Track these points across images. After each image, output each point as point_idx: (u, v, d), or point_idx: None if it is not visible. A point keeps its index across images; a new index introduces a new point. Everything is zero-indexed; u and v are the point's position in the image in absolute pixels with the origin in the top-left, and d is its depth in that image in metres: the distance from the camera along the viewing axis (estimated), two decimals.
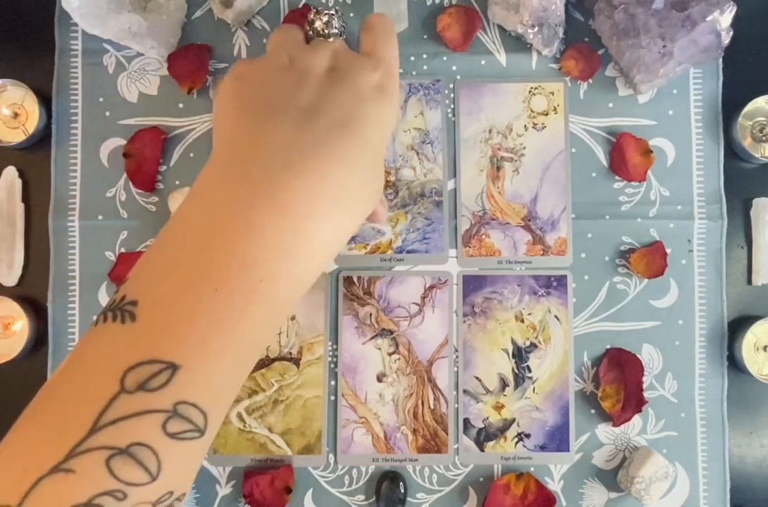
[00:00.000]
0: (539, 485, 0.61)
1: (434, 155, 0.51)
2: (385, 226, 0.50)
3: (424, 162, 0.50)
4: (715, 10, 0.58)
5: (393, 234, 0.50)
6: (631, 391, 0.61)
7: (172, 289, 0.32)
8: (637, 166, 0.63)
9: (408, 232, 0.50)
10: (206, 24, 0.64)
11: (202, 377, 0.31)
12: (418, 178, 0.50)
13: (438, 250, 0.51)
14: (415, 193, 0.50)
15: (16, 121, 0.63)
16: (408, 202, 0.50)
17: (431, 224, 0.50)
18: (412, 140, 0.51)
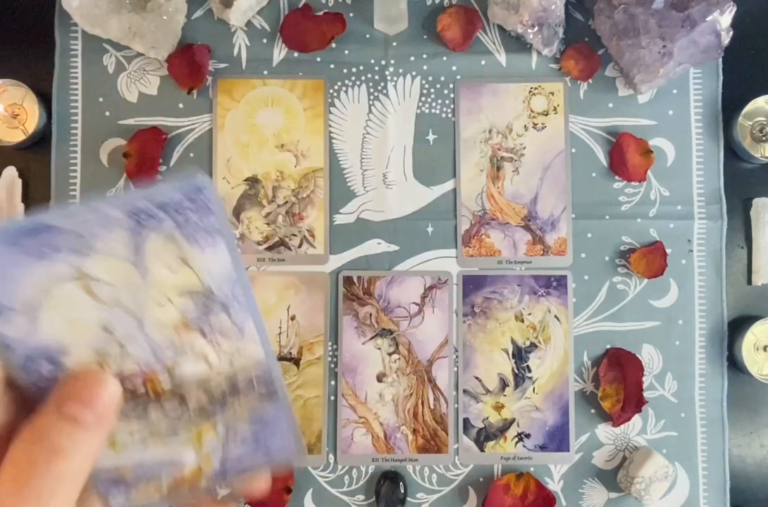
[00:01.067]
0: (539, 485, 0.61)
1: (237, 326, 0.28)
2: (184, 450, 0.28)
3: (220, 343, 0.27)
4: (715, 10, 0.58)
5: (201, 457, 0.28)
6: (631, 391, 0.61)
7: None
8: (637, 166, 0.63)
9: (226, 448, 0.29)
10: (206, 24, 0.64)
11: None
12: (219, 372, 0.28)
13: (287, 453, 0.30)
14: (221, 395, 0.28)
15: (16, 121, 0.63)
16: (210, 410, 0.28)
17: (266, 426, 0.29)
18: (182, 314, 0.27)
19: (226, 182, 0.63)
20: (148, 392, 0.27)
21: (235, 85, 0.64)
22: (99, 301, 0.25)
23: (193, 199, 0.25)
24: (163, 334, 0.26)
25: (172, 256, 0.26)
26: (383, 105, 0.64)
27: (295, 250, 0.63)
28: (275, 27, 0.64)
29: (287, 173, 0.64)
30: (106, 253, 0.25)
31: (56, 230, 0.24)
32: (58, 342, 0.25)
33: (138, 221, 0.25)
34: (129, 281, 0.25)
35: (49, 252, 0.24)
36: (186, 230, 0.25)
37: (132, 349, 0.26)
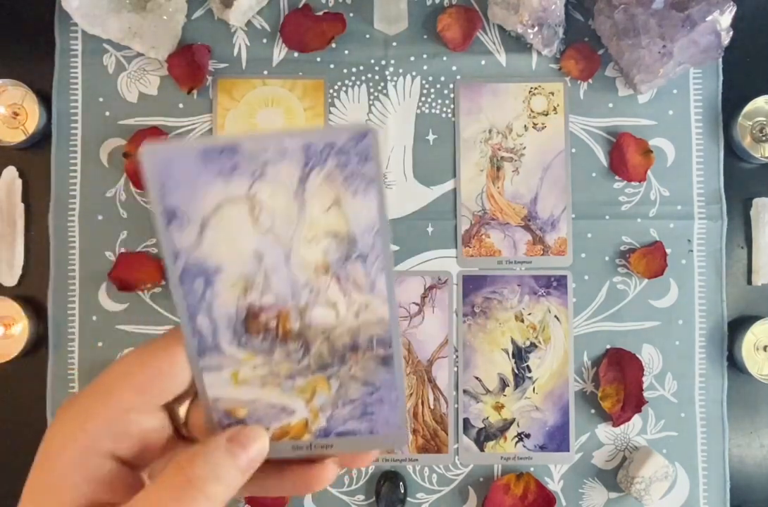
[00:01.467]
0: (539, 485, 0.61)
1: (370, 279, 0.28)
2: (295, 400, 0.29)
3: (351, 293, 0.28)
4: (715, 10, 0.58)
5: (309, 411, 0.29)
6: (631, 391, 0.61)
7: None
8: (637, 166, 0.63)
9: (335, 407, 0.29)
10: (206, 24, 0.64)
11: None
12: (344, 322, 0.28)
13: (391, 428, 0.30)
14: (342, 347, 0.29)
15: (16, 121, 0.63)
16: (330, 362, 0.29)
17: (375, 392, 0.29)
18: (325, 256, 0.27)
19: None
20: (278, 329, 0.28)
21: (235, 85, 0.64)
22: (258, 226, 0.26)
23: (358, 144, 0.26)
24: (303, 273, 0.27)
25: (328, 196, 0.26)
26: (383, 105, 0.64)
27: None
28: (275, 27, 0.64)
29: None
30: (275, 180, 0.26)
31: (240, 152, 0.25)
32: (215, 260, 0.26)
33: (308, 156, 0.26)
34: (287, 212, 0.26)
35: (230, 171, 0.25)
36: (345, 172, 0.26)
37: (274, 282, 0.27)
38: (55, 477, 0.26)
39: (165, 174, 0.25)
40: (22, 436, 0.62)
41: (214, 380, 0.28)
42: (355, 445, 0.30)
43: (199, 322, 0.27)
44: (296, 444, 0.29)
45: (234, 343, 0.28)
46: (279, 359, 0.28)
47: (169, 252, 0.26)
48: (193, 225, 0.26)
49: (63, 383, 0.62)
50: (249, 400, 0.28)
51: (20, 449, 0.62)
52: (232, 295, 0.27)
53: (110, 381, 0.26)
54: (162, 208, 0.26)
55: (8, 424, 0.62)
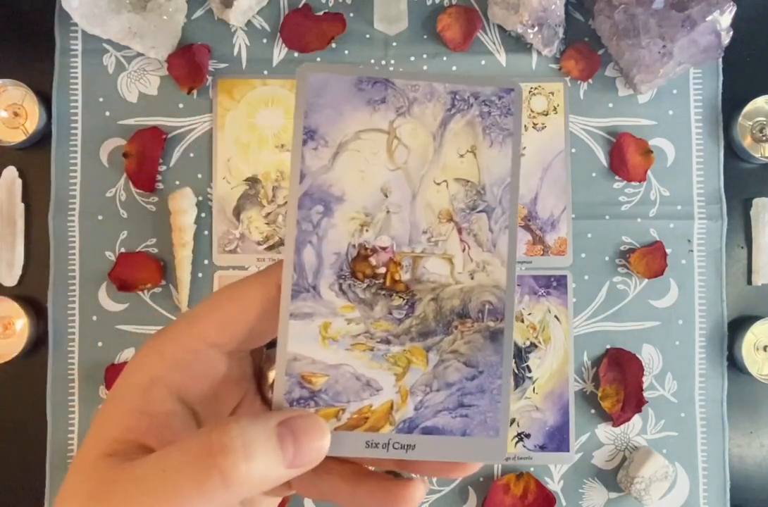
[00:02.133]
0: (539, 485, 0.61)
1: (492, 236, 0.25)
2: (384, 373, 0.25)
3: (472, 248, 0.25)
4: (715, 10, 0.58)
5: (397, 391, 0.25)
6: (631, 391, 0.61)
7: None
8: (637, 166, 0.63)
9: (428, 389, 0.25)
10: (206, 24, 0.64)
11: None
12: (457, 281, 0.25)
13: (486, 432, 0.25)
14: (450, 311, 0.25)
15: (16, 121, 0.63)
16: (433, 328, 0.25)
17: (477, 377, 0.25)
18: (451, 203, 0.25)
19: (226, 182, 0.63)
20: (386, 278, 0.26)
21: (235, 85, 0.64)
22: (392, 160, 0.26)
23: (502, 97, 0.26)
24: (426, 217, 0.26)
25: (465, 142, 0.26)
26: None
27: None
28: (275, 27, 0.64)
29: (287, 173, 0.64)
30: (418, 119, 0.26)
31: (391, 86, 0.26)
32: (340, 188, 0.26)
33: (453, 100, 0.26)
34: (423, 152, 0.26)
35: (377, 102, 0.26)
36: (485, 122, 0.26)
37: (394, 221, 0.26)
38: (117, 401, 0.24)
39: (316, 93, 0.25)
40: (22, 436, 0.62)
41: (300, 331, 0.25)
42: (441, 450, 0.25)
43: (305, 255, 0.25)
44: (371, 439, 0.25)
45: (335, 287, 0.25)
46: (379, 316, 0.25)
47: (297, 172, 0.25)
48: (329, 148, 0.25)
49: (63, 383, 0.62)
50: (332, 364, 0.25)
51: (20, 449, 0.62)
52: (348, 229, 0.25)
53: (197, 312, 0.25)
54: (303, 126, 0.25)
55: (8, 424, 0.62)
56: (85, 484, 0.22)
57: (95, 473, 0.22)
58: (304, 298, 0.25)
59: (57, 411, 0.62)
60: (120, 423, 0.23)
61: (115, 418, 0.23)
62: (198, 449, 0.21)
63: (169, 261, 0.63)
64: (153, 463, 0.21)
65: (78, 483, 0.22)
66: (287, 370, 0.24)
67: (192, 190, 0.62)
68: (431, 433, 0.25)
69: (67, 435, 0.61)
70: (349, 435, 0.24)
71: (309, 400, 0.25)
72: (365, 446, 0.24)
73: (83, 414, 0.62)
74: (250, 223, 0.63)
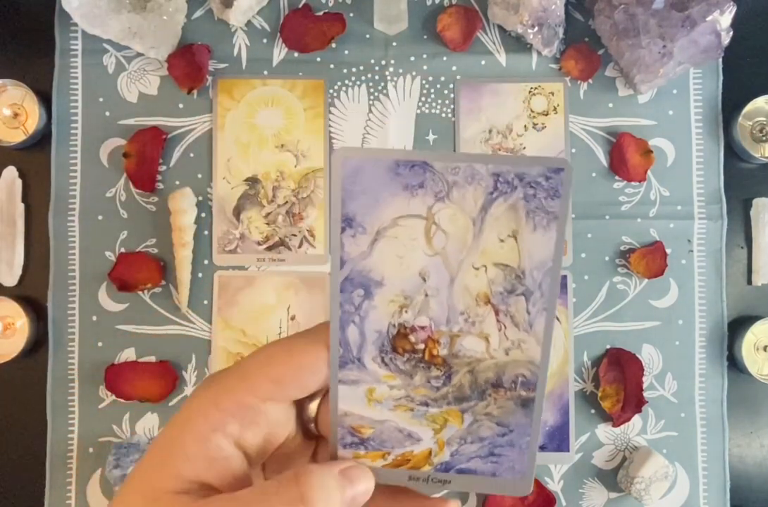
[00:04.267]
0: (539, 485, 0.61)
1: (529, 317, 0.27)
2: (423, 429, 0.28)
3: (508, 328, 0.27)
4: (715, 10, 0.58)
5: (435, 442, 0.28)
6: (631, 391, 0.61)
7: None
8: (637, 166, 0.63)
9: (463, 442, 0.28)
10: (206, 24, 0.64)
11: None
12: (492, 356, 0.27)
13: (513, 474, 0.28)
14: (484, 382, 0.27)
15: (16, 121, 0.63)
16: (468, 395, 0.27)
17: (507, 435, 0.28)
18: (489, 287, 0.26)
19: (226, 182, 0.63)
20: (425, 353, 0.27)
21: (235, 85, 0.64)
22: (430, 246, 0.26)
23: (550, 178, 0.25)
24: (463, 300, 0.27)
25: (507, 227, 0.26)
26: (383, 105, 0.64)
27: (295, 250, 0.63)
28: (275, 27, 0.64)
29: (287, 173, 0.64)
30: (457, 203, 0.25)
31: (429, 169, 0.25)
32: (380, 274, 0.26)
33: (496, 182, 0.25)
34: (462, 237, 0.26)
35: (415, 187, 0.25)
36: (530, 205, 0.25)
37: (432, 304, 0.27)
38: (177, 446, 0.26)
39: (352, 180, 0.25)
40: (22, 436, 0.62)
41: (349, 394, 0.27)
42: (473, 485, 0.28)
43: (349, 333, 0.27)
44: (414, 474, 0.28)
45: (378, 359, 0.27)
46: (418, 384, 0.28)
47: (337, 258, 0.26)
48: (367, 235, 0.26)
49: (63, 383, 0.62)
50: (378, 420, 0.28)
51: (20, 449, 0.62)
52: (388, 311, 0.27)
53: (251, 367, 0.27)
54: (341, 214, 0.25)
55: (8, 424, 0.62)
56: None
57: (172, 505, 0.25)
58: (350, 368, 0.27)
59: (57, 411, 0.62)
60: (186, 467, 0.26)
61: (180, 462, 0.26)
62: (290, 496, 0.24)
63: (169, 261, 0.63)
64: (245, 502, 0.24)
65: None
66: (340, 423, 0.28)
67: (192, 190, 0.62)
68: (465, 473, 0.28)
69: (67, 435, 0.61)
70: (396, 470, 0.28)
71: (359, 445, 0.28)
72: (408, 479, 0.28)
73: (83, 414, 0.62)
74: (250, 223, 0.63)
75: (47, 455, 0.61)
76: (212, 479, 0.26)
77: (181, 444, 0.26)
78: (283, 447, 0.29)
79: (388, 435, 0.28)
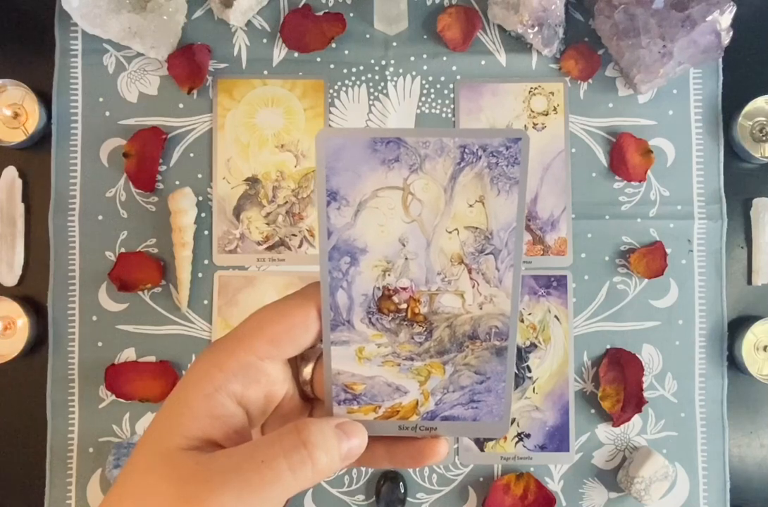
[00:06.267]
0: (539, 485, 0.61)
1: (499, 273, 0.30)
2: (410, 381, 0.31)
3: (481, 285, 0.30)
4: (715, 10, 0.58)
5: (421, 393, 0.31)
6: (631, 391, 0.61)
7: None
8: (637, 166, 0.63)
9: (445, 391, 0.31)
10: (206, 24, 0.64)
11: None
12: (468, 311, 0.30)
13: (492, 418, 0.31)
14: (462, 335, 0.31)
15: (16, 121, 0.63)
16: (448, 348, 0.31)
17: (484, 382, 0.31)
18: (461, 248, 0.29)
19: (226, 182, 0.63)
20: (407, 312, 0.30)
21: (235, 85, 0.64)
22: (407, 214, 0.29)
23: (509, 147, 0.28)
24: (440, 261, 0.30)
25: (474, 193, 0.29)
26: (383, 105, 0.64)
27: (295, 250, 0.63)
28: (275, 27, 0.64)
29: (287, 173, 0.64)
30: (429, 174, 0.28)
31: (403, 144, 0.28)
32: (364, 241, 0.29)
33: (463, 153, 0.28)
34: (435, 204, 0.29)
35: (391, 161, 0.28)
36: (493, 173, 0.28)
37: (412, 266, 0.30)
38: (183, 406, 0.28)
39: (335, 156, 0.28)
40: (22, 436, 0.62)
41: (340, 354, 0.30)
42: (457, 430, 0.32)
43: (338, 297, 0.29)
44: (403, 424, 0.31)
45: (365, 320, 0.30)
46: (403, 340, 0.31)
47: (324, 230, 0.28)
48: (351, 207, 0.28)
49: (63, 383, 0.62)
50: (368, 376, 0.30)
51: (20, 449, 0.62)
52: (372, 275, 0.29)
53: (247, 330, 0.29)
54: (326, 189, 0.28)
55: (8, 424, 0.62)
56: (171, 468, 0.26)
57: (180, 460, 0.26)
58: (341, 330, 0.30)
59: (57, 411, 0.62)
60: (192, 424, 0.27)
61: (186, 420, 0.28)
62: (291, 444, 0.26)
63: (169, 261, 0.63)
64: (248, 454, 0.26)
65: (160, 466, 0.26)
66: (333, 381, 0.30)
67: (192, 190, 0.62)
68: (449, 420, 0.31)
69: (67, 435, 0.61)
70: (386, 422, 0.31)
71: (352, 401, 0.30)
72: (398, 428, 0.31)
73: (83, 414, 0.62)
74: (250, 223, 0.63)
75: (47, 455, 0.61)
76: (217, 436, 0.28)
77: (187, 404, 0.28)
78: (281, 408, 0.31)
79: (378, 389, 0.31)
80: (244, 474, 0.26)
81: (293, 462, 0.26)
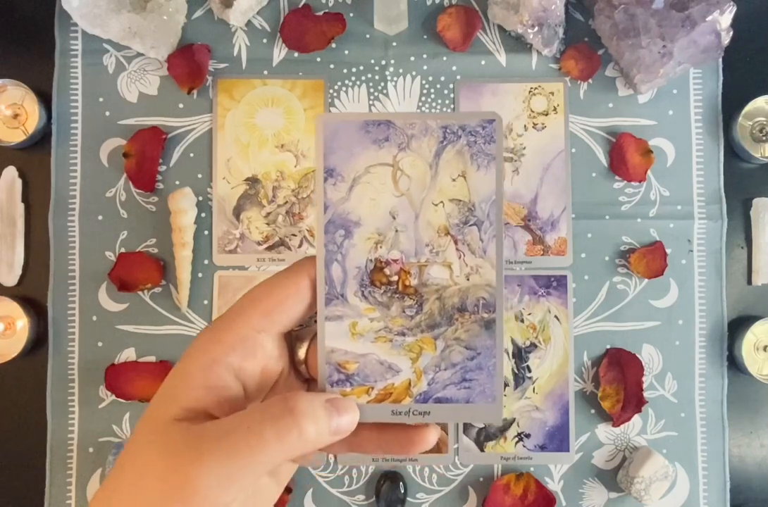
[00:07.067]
0: (539, 485, 0.61)
1: (483, 244, 0.31)
2: (402, 358, 0.31)
3: (466, 256, 0.31)
4: (715, 10, 0.58)
5: (413, 371, 0.31)
6: (631, 391, 0.61)
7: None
8: (637, 166, 0.63)
9: (437, 369, 0.31)
10: (206, 24, 0.64)
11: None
12: (456, 282, 0.31)
13: (485, 399, 0.31)
14: (451, 307, 0.31)
15: (16, 121, 0.63)
16: (439, 322, 0.31)
17: (475, 358, 0.31)
18: (447, 220, 0.31)
19: (226, 182, 0.63)
20: (398, 284, 0.31)
21: (235, 85, 0.64)
22: (397, 188, 0.31)
23: (485, 127, 0.31)
24: (427, 233, 0.31)
25: (456, 168, 0.31)
26: (383, 105, 0.64)
27: (295, 250, 0.63)
28: (275, 27, 0.64)
29: (287, 173, 0.64)
30: (416, 152, 0.31)
31: (392, 126, 0.31)
32: (357, 215, 0.31)
33: (445, 133, 0.31)
34: (422, 179, 0.31)
35: (382, 140, 0.31)
36: (473, 150, 0.31)
37: (402, 238, 0.31)
38: (181, 378, 0.29)
39: (332, 138, 0.30)
40: (22, 436, 0.62)
41: (334, 330, 0.31)
42: (451, 414, 0.32)
43: (333, 270, 0.31)
44: (396, 408, 0.31)
45: (358, 293, 0.31)
46: (395, 314, 0.31)
47: (321, 204, 0.31)
48: (345, 183, 0.31)
49: (63, 383, 0.62)
50: (361, 353, 0.31)
51: (20, 449, 0.62)
52: (365, 247, 0.31)
53: (243, 305, 0.30)
54: (323, 166, 0.30)
55: (8, 424, 0.62)
56: (163, 439, 0.27)
57: (172, 432, 0.27)
58: (335, 304, 0.31)
59: (57, 411, 0.62)
60: (188, 395, 0.28)
61: (182, 392, 0.28)
62: (278, 411, 0.27)
63: (169, 261, 0.63)
64: (236, 422, 0.27)
65: (154, 439, 0.27)
66: (327, 360, 0.31)
67: (192, 190, 0.62)
68: (442, 402, 0.31)
69: (67, 435, 0.61)
70: (379, 406, 0.31)
71: (345, 382, 0.31)
72: (391, 414, 0.31)
73: (83, 414, 0.62)
74: (250, 223, 0.63)
75: (47, 455, 0.61)
76: (212, 407, 0.28)
77: (185, 375, 0.29)
78: (278, 388, 0.31)
79: (371, 368, 0.31)
80: (230, 441, 0.26)
81: (279, 428, 0.27)
